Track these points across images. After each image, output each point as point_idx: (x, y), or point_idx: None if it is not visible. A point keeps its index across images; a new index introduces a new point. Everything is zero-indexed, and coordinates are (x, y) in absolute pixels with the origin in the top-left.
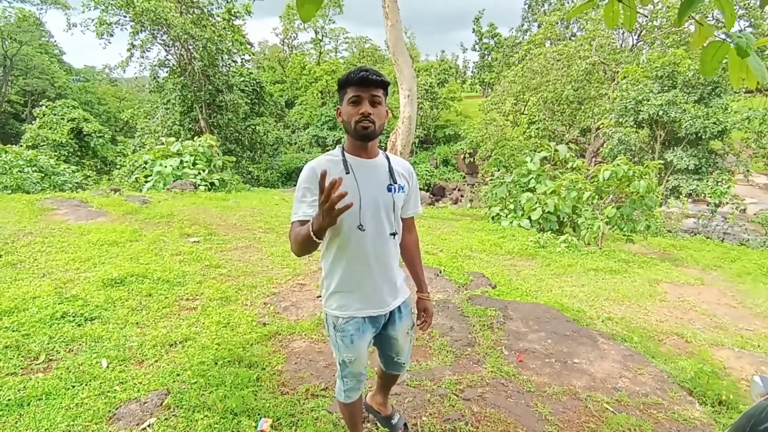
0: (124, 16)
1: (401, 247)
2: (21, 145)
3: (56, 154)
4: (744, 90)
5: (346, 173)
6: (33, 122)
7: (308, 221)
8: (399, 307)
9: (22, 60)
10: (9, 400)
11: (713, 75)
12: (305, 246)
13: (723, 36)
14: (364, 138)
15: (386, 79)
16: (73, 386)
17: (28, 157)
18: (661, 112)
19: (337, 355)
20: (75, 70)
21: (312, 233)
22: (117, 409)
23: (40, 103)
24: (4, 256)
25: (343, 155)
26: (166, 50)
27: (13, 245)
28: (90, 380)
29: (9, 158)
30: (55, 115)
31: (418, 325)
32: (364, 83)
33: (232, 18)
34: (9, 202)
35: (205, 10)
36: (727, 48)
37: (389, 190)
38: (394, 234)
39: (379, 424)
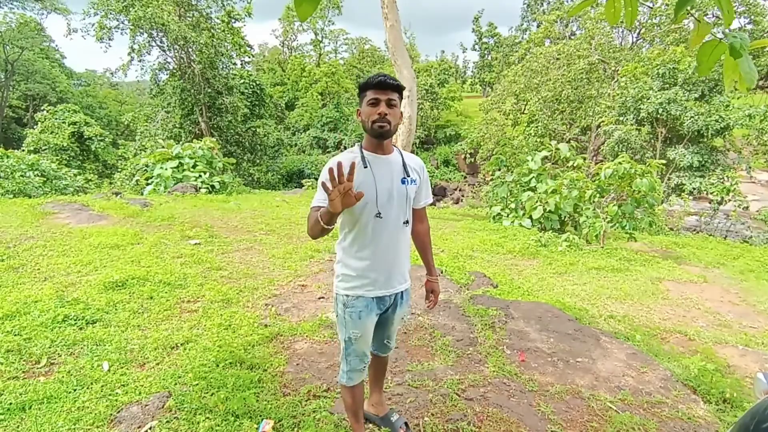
0: (123, 21)
1: (414, 235)
2: (23, 150)
3: (58, 158)
4: (743, 90)
5: (364, 168)
6: (34, 127)
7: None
8: (402, 292)
9: (24, 65)
10: (11, 404)
11: (708, 74)
12: (317, 230)
13: (720, 35)
14: (380, 136)
15: (401, 85)
16: (75, 389)
17: (30, 162)
18: (661, 110)
19: (344, 333)
20: (76, 74)
21: (320, 219)
22: (118, 412)
23: (42, 108)
24: (6, 260)
25: (362, 152)
26: (165, 53)
27: (15, 249)
28: (91, 383)
29: (11, 162)
30: (56, 119)
31: (426, 305)
32: (382, 87)
33: (232, 21)
34: (11, 206)
35: (204, 14)
36: (724, 48)
37: (403, 182)
38: (407, 222)
39: (380, 426)
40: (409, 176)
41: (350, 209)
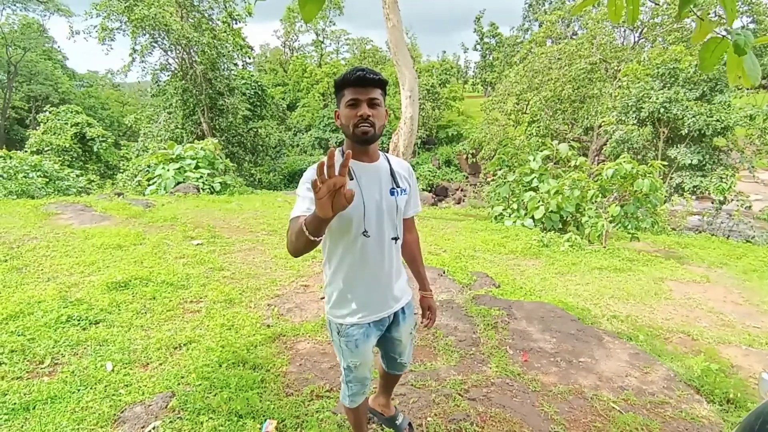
0: (125, 22)
1: (403, 246)
2: (25, 151)
3: (60, 159)
4: (747, 87)
5: (350, 179)
6: (37, 128)
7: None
8: (403, 308)
9: (26, 66)
10: (15, 404)
11: (711, 71)
12: (300, 243)
13: (723, 32)
14: (364, 142)
15: (384, 78)
16: (78, 390)
17: (33, 163)
18: (662, 110)
19: (342, 360)
20: (78, 75)
21: (305, 228)
22: (122, 412)
23: (44, 109)
24: (10, 261)
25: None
26: (167, 54)
27: (18, 250)
28: (95, 383)
29: (14, 163)
30: (58, 120)
31: (422, 323)
32: (362, 83)
33: (233, 21)
34: (14, 207)
35: (206, 14)
36: (727, 45)
37: (392, 193)
38: (396, 238)
39: (383, 426)
40: (398, 186)
41: (337, 226)
